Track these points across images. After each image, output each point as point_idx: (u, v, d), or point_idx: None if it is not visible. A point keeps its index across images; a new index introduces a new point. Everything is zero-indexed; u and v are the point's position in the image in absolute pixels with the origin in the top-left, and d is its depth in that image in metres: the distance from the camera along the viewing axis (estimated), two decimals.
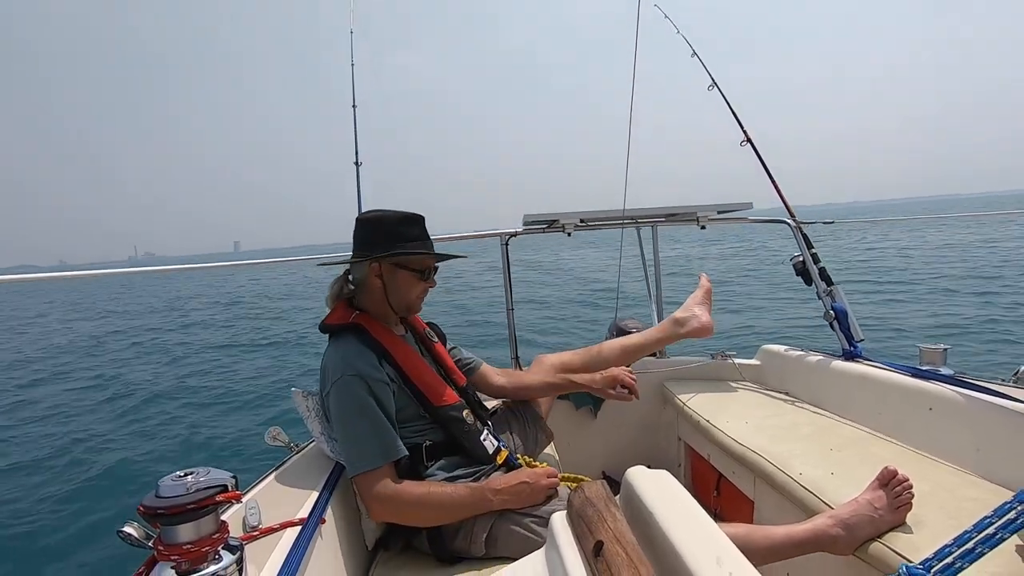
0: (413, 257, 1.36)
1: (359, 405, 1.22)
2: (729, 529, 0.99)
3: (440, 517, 1.25)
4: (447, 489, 1.25)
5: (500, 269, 2.31)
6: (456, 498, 1.24)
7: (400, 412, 1.30)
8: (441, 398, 1.35)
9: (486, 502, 1.24)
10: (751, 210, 2.15)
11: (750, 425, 1.63)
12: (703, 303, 1.92)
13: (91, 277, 1.37)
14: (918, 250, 15.48)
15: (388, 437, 1.23)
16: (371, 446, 1.21)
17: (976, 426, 1.25)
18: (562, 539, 0.70)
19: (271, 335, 10.72)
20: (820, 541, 1.07)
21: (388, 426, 1.24)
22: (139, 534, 0.76)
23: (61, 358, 10.61)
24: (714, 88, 2.17)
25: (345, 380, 1.23)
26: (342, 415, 1.24)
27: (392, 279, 1.37)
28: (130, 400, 6.78)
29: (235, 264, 1.76)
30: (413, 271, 1.37)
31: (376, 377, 1.26)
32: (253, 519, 1.03)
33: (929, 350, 1.55)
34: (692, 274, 14.23)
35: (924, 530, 1.02)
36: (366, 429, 1.22)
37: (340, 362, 1.26)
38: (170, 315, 16.52)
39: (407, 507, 1.22)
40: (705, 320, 1.86)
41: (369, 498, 1.22)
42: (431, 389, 1.35)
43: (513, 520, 1.26)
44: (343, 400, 1.24)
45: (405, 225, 1.37)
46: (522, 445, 1.63)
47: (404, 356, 1.35)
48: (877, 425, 1.52)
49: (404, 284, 1.37)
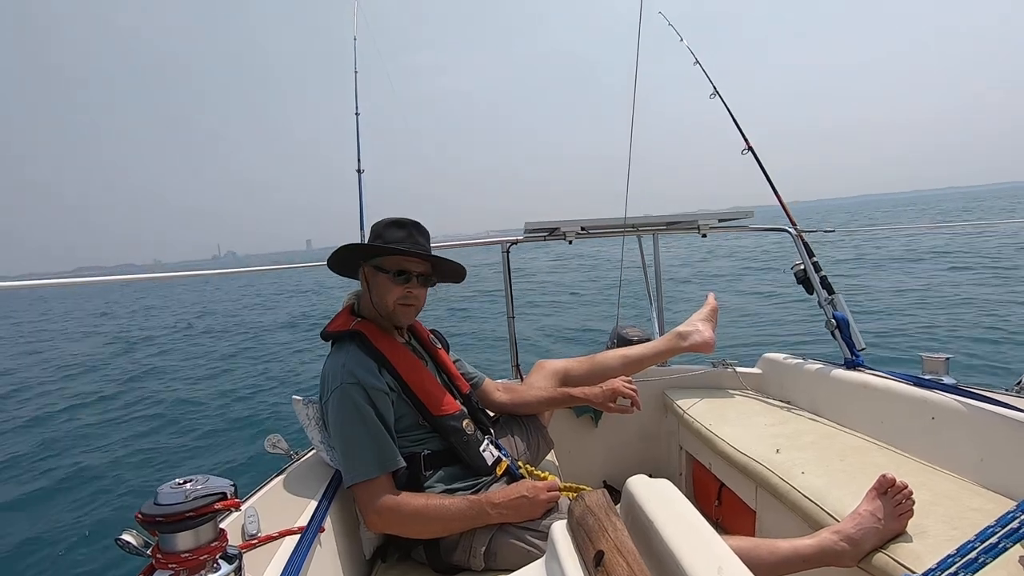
0: (388, 259, 1.32)
1: (358, 414, 1.22)
2: (734, 542, 0.98)
3: (438, 529, 1.24)
4: (445, 501, 1.24)
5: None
6: (454, 511, 1.22)
7: (399, 421, 1.30)
8: (441, 407, 1.34)
9: (484, 515, 1.23)
10: (752, 219, 2.15)
11: (751, 434, 1.63)
12: (707, 320, 1.93)
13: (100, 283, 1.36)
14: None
15: (386, 447, 1.23)
16: (369, 456, 1.21)
17: (979, 435, 1.24)
18: (562, 549, 0.70)
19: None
20: (825, 556, 1.06)
21: (386, 436, 1.23)
22: (137, 542, 0.75)
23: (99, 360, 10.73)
24: (716, 97, 2.18)
25: (344, 388, 1.23)
26: (340, 424, 1.23)
27: (374, 282, 1.35)
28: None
29: (238, 271, 1.79)
30: (386, 272, 1.32)
31: (375, 386, 1.25)
32: (252, 527, 1.03)
33: (931, 359, 1.55)
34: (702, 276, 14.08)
35: (927, 540, 1.02)
36: (364, 438, 1.21)
37: (340, 370, 1.26)
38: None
39: (405, 519, 1.21)
40: (707, 335, 1.87)
41: (366, 509, 1.21)
42: (431, 398, 1.34)
43: (512, 534, 1.25)
44: (342, 409, 1.23)
45: (390, 228, 1.34)
46: (524, 452, 1.62)
47: (404, 364, 1.34)
48: (879, 434, 1.51)
49: (382, 287, 1.33)
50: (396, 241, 1.32)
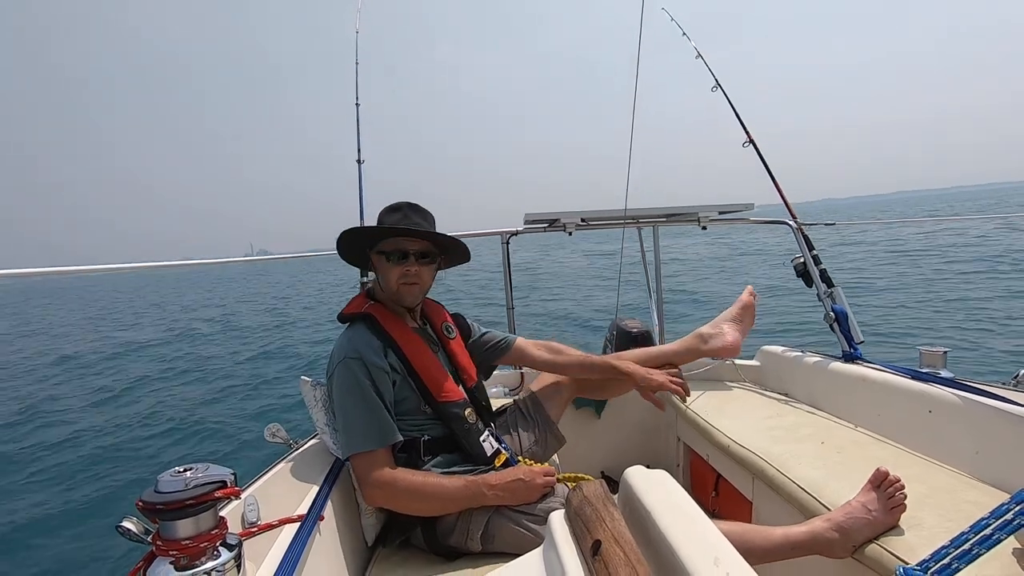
0: (388, 241, 1.35)
1: (359, 388, 1.24)
2: (725, 527, 0.99)
3: (434, 507, 1.25)
4: (442, 480, 1.26)
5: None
6: (451, 489, 1.24)
7: (401, 404, 1.31)
8: (443, 393, 1.35)
9: (481, 496, 1.25)
10: (752, 211, 2.15)
11: (749, 426, 1.63)
12: (736, 320, 1.77)
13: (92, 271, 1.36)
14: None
15: (384, 422, 1.25)
16: (368, 428, 1.23)
17: (975, 429, 1.25)
18: (560, 538, 0.70)
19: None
20: (816, 543, 1.07)
21: (384, 412, 1.26)
22: (138, 529, 0.76)
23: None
24: (717, 89, 2.17)
25: (347, 362, 1.26)
26: (342, 395, 1.26)
27: (378, 267, 1.39)
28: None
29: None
30: (383, 254, 1.35)
31: (376, 364, 1.27)
32: (252, 515, 1.03)
33: (929, 352, 1.55)
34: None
35: (922, 532, 1.02)
36: (364, 411, 1.24)
37: (346, 344, 1.29)
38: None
39: (401, 493, 1.22)
40: (730, 339, 1.71)
41: (364, 481, 1.23)
42: (435, 383, 1.35)
43: (509, 517, 1.26)
44: (344, 381, 1.25)
45: (388, 213, 1.37)
46: (530, 447, 1.62)
47: (411, 347, 1.35)
48: (876, 427, 1.52)
49: (384, 269, 1.36)
50: (392, 224, 1.35)
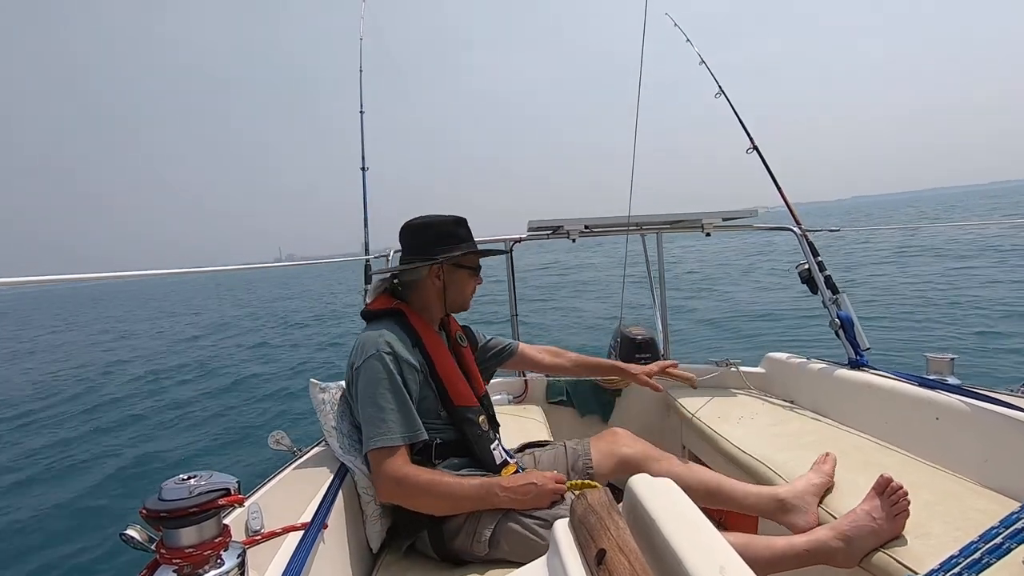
0: (471, 256, 1.45)
1: (390, 382, 1.25)
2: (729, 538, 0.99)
3: (447, 506, 1.25)
4: (457, 479, 1.26)
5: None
6: (465, 488, 1.24)
7: (421, 403, 1.32)
8: (461, 397, 1.37)
9: (493, 497, 1.25)
10: (756, 216, 2.15)
11: (755, 433, 1.62)
12: (817, 494, 1.36)
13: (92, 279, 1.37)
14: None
15: (412, 418, 1.26)
16: (395, 423, 1.23)
17: (983, 436, 1.24)
18: (564, 547, 0.70)
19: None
20: (821, 553, 1.06)
21: (412, 409, 1.27)
22: (141, 537, 0.76)
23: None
24: (720, 96, 2.18)
25: (380, 356, 1.26)
26: (370, 389, 1.26)
27: (452, 278, 1.44)
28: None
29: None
30: (468, 268, 1.46)
31: (408, 360, 1.29)
32: (256, 523, 1.03)
33: (936, 359, 1.54)
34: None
35: (930, 541, 1.01)
36: (393, 406, 1.24)
37: (377, 338, 1.29)
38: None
39: (416, 490, 1.23)
40: (812, 520, 1.31)
41: (380, 476, 1.23)
42: (454, 387, 1.37)
43: (517, 520, 1.26)
44: (374, 374, 1.26)
45: (457, 227, 1.44)
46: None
47: (436, 349, 1.38)
48: (883, 434, 1.50)
49: (462, 282, 1.46)
50: (466, 239, 1.45)
